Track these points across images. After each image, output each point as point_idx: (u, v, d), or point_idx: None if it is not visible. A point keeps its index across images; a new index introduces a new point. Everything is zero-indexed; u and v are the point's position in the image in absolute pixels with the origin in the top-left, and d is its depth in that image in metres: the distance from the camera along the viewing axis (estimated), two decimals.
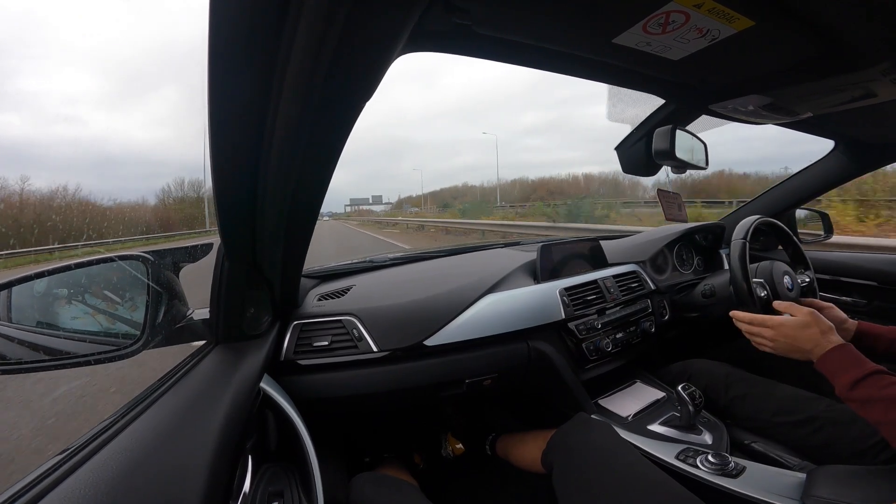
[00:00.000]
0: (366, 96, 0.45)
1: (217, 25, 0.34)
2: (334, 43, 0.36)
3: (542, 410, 1.23)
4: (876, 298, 1.35)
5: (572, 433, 0.87)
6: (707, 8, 0.49)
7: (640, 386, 1.19)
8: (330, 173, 0.56)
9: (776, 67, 0.67)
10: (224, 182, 0.52)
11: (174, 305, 0.67)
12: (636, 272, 1.31)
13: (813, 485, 0.71)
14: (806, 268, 1.16)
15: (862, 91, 0.73)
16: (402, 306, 0.97)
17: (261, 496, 0.61)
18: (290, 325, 0.91)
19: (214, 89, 0.39)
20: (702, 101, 0.83)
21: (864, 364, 0.70)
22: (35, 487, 0.38)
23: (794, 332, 0.79)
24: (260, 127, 0.45)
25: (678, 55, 0.61)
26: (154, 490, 0.41)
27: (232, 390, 0.58)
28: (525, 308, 1.04)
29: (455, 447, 1.28)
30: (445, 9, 0.45)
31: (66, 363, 0.58)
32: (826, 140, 1.31)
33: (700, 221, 1.62)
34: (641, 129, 0.96)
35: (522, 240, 1.64)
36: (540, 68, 0.65)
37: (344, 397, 0.90)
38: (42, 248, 15.61)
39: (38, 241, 17.59)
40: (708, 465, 0.82)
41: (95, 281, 0.67)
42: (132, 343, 0.61)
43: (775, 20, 0.53)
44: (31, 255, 14.38)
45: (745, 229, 1.03)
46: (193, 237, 24.43)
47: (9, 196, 27.39)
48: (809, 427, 0.88)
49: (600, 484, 0.74)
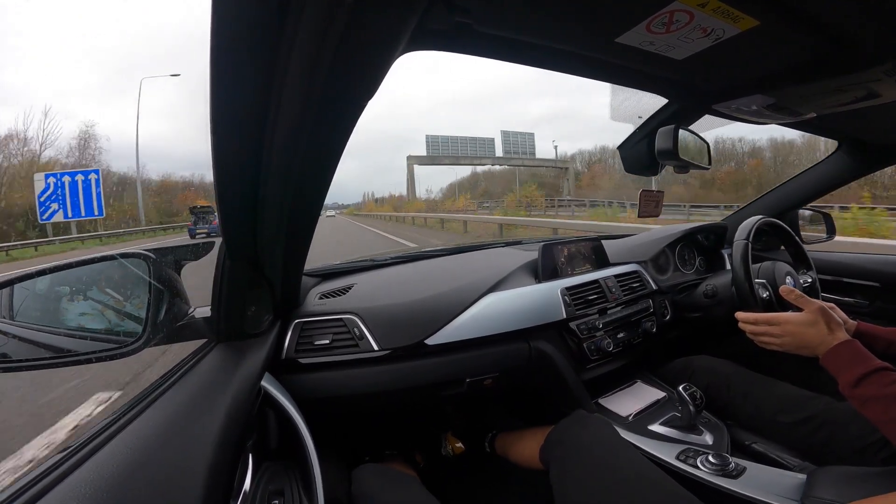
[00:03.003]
0: (367, 95, 0.45)
1: (219, 24, 0.34)
2: (336, 42, 0.36)
3: (542, 410, 1.23)
4: (878, 299, 1.34)
5: (569, 429, 0.87)
6: (712, 7, 0.49)
7: (641, 386, 1.19)
8: (331, 172, 0.56)
9: (780, 67, 0.67)
10: (226, 181, 0.52)
11: (175, 303, 0.67)
12: (638, 272, 1.31)
13: (813, 486, 0.71)
14: (808, 268, 1.16)
15: (866, 91, 0.72)
16: (403, 305, 0.97)
17: (261, 495, 0.61)
18: (292, 324, 0.91)
19: (216, 88, 0.39)
20: (705, 100, 0.82)
21: (869, 361, 0.70)
22: (36, 485, 0.38)
23: (801, 328, 0.78)
24: (261, 126, 0.45)
25: (682, 55, 0.61)
26: (155, 488, 0.41)
27: (233, 389, 0.59)
28: (526, 307, 1.04)
29: (455, 446, 1.29)
30: (447, 7, 0.45)
31: (68, 361, 0.58)
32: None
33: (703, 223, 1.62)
34: (644, 128, 0.95)
35: (524, 239, 1.64)
36: (542, 67, 0.65)
37: (345, 396, 0.91)
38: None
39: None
40: (708, 466, 0.82)
41: (97, 279, 0.67)
42: (134, 341, 0.61)
43: (780, 20, 0.52)
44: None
45: (748, 230, 1.03)
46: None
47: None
48: (809, 426, 0.88)
49: (597, 479, 0.74)
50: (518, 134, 56.92)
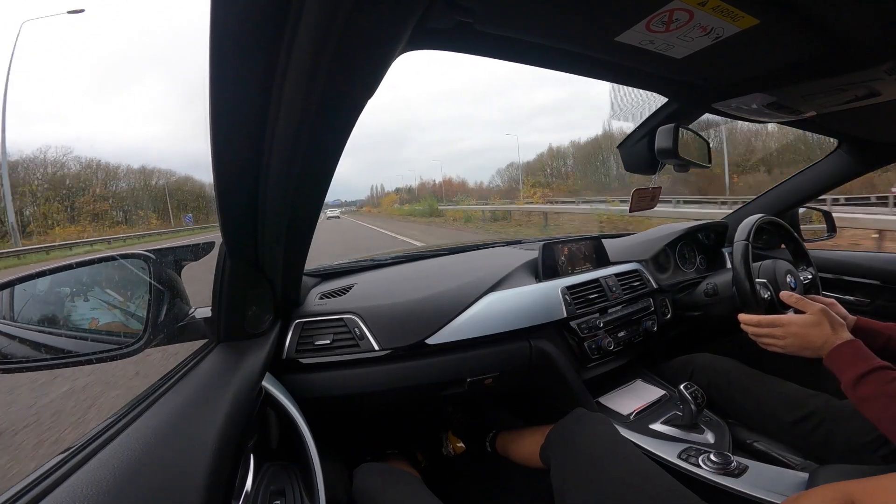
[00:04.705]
0: (367, 95, 0.45)
1: (218, 24, 0.34)
2: (335, 42, 0.36)
3: (543, 409, 1.23)
4: (879, 297, 1.34)
5: (570, 428, 0.87)
6: (711, 6, 0.49)
7: (642, 384, 1.19)
8: (331, 171, 0.56)
9: (780, 66, 0.67)
10: (226, 181, 0.52)
11: (176, 304, 0.67)
12: (638, 271, 1.30)
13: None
14: (808, 264, 1.16)
15: (866, 90, 0.72)
16: (403, 305, 0.97)
17: (262, 495, 0.61)
18: (292, 324, 0.91)
19: (216, 88, 0.39)
20: (705, 99, 0.82)
21: (869, 360, 0.70)
22: (37, 487, 0.38)
23: (804, 330, 0.79)
24: (261, 126, 0.45)
25: (681, 53, 0.61)
26: (156, 489, 0.41)
27: (233, 389, 0.58)
28: (527, 307, 1.04)
29: (456, 446, 1.29)
30: (447, 6, 0.45)
31: (68, 362, 0.58)
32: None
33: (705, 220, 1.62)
34: (644, 127, 0.96)
35: (524, 238, 1.64)
36: (542, 66, 0.65)
37: (345, 396, 0.91)
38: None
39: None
40: (710, 465, 0.82)
41: (97, 279, 0.67)
42: (134, 342, 0.61)
43: (780, 18, 0.52)
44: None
45: (747, 230, 1.03)
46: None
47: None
48: (809, 424, 0.88)
49: (597, 478, 0.74)
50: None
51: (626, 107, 0.89)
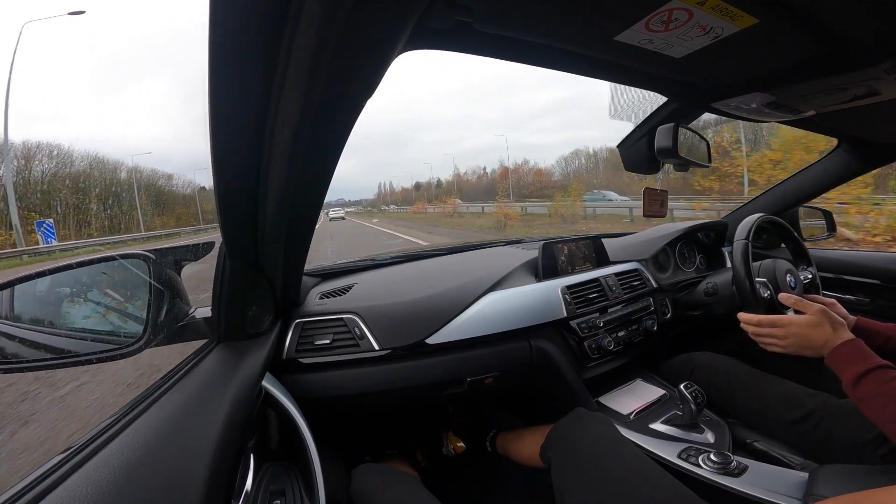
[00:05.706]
0: (367, 95, 0.45)
1: (218, 24, 0.34)
2: (335, 42, 0.36)
3: (543, 409, 1.23)
4: (879, 297, 1.34)
5: (570, 428, 0.87)
6: (710, 6, 0.49)
7: (642, 384, 1.19)
8: (331, 172, 0.56)
9: (779, 65, 0.67)
10: (225, 181, 0.52)
11: (176, 304, 0.67)
12: (638, 270, 1.30)
13: (815, 484, 0.71)
14: (808, 264, 1.16)
15: (866, 89, 0.72)
16: (403, 304, 0.97)
17: (262, 495, 0.61)
18: (292, 324, 0.91)
19: (215, 88, 0.39)
20: (704, 98, 0.82)
21: (869, 359, 0.70)
22: (37, 486, 0.38)
23: (805, 330, 0.79)
24: (261, 126, 0.45)
25: (681, 53, 0.61)
26: (156, 489, 0.41)
27: (233, 389, 0.59)
28: (527, 306, 1.04)
29: (456, 445, 1.29)
30: (447, 6, 0.45)
31: (68, 362, 0.58)
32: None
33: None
34: (643, 126, 0.95)
35: (525, 238, 1.64)
36: (542, 66, 0.65)
37: (345, 396, 0.91)
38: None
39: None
40: (710, 464, 0.82)
41: (97, 280, 0.67)
42: (134, 342, 0.61)
43: (779, 18, 0.52)
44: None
45: (747, 229, 1.03)
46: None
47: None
48: (809, 423, 0.88)
49: (598, 477, 0.74)
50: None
51: (625, 106, 0.89)
